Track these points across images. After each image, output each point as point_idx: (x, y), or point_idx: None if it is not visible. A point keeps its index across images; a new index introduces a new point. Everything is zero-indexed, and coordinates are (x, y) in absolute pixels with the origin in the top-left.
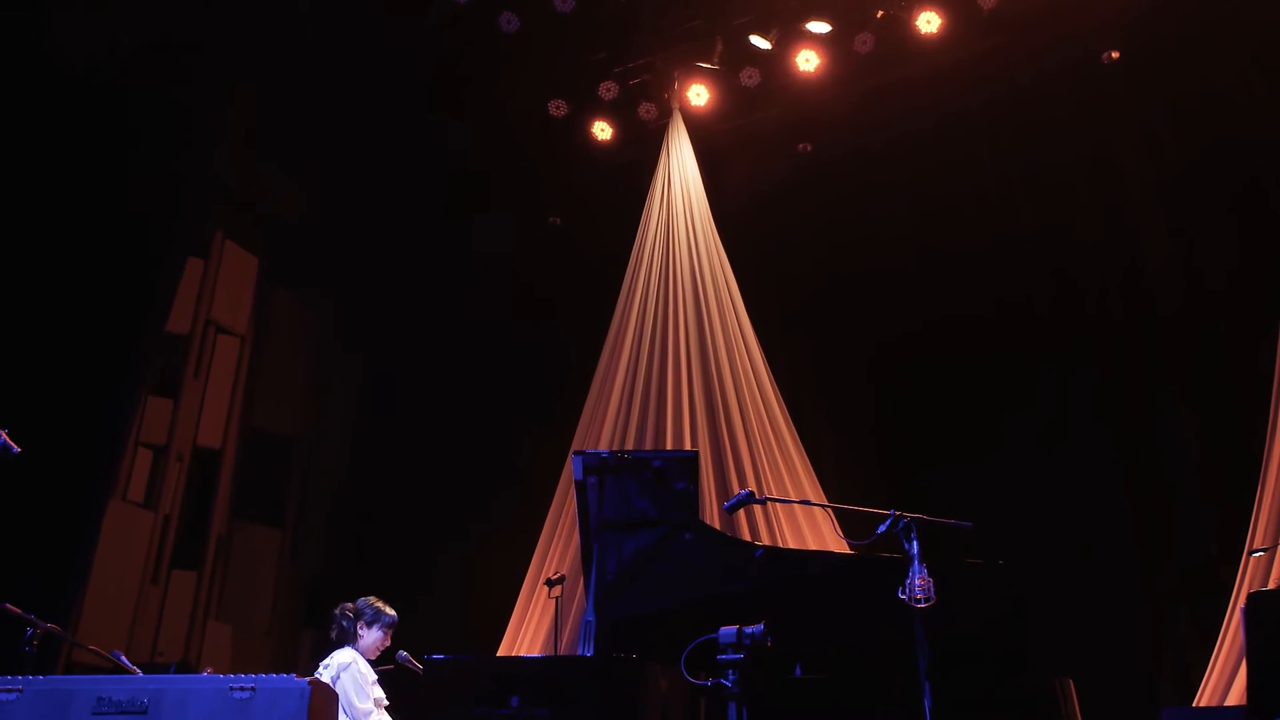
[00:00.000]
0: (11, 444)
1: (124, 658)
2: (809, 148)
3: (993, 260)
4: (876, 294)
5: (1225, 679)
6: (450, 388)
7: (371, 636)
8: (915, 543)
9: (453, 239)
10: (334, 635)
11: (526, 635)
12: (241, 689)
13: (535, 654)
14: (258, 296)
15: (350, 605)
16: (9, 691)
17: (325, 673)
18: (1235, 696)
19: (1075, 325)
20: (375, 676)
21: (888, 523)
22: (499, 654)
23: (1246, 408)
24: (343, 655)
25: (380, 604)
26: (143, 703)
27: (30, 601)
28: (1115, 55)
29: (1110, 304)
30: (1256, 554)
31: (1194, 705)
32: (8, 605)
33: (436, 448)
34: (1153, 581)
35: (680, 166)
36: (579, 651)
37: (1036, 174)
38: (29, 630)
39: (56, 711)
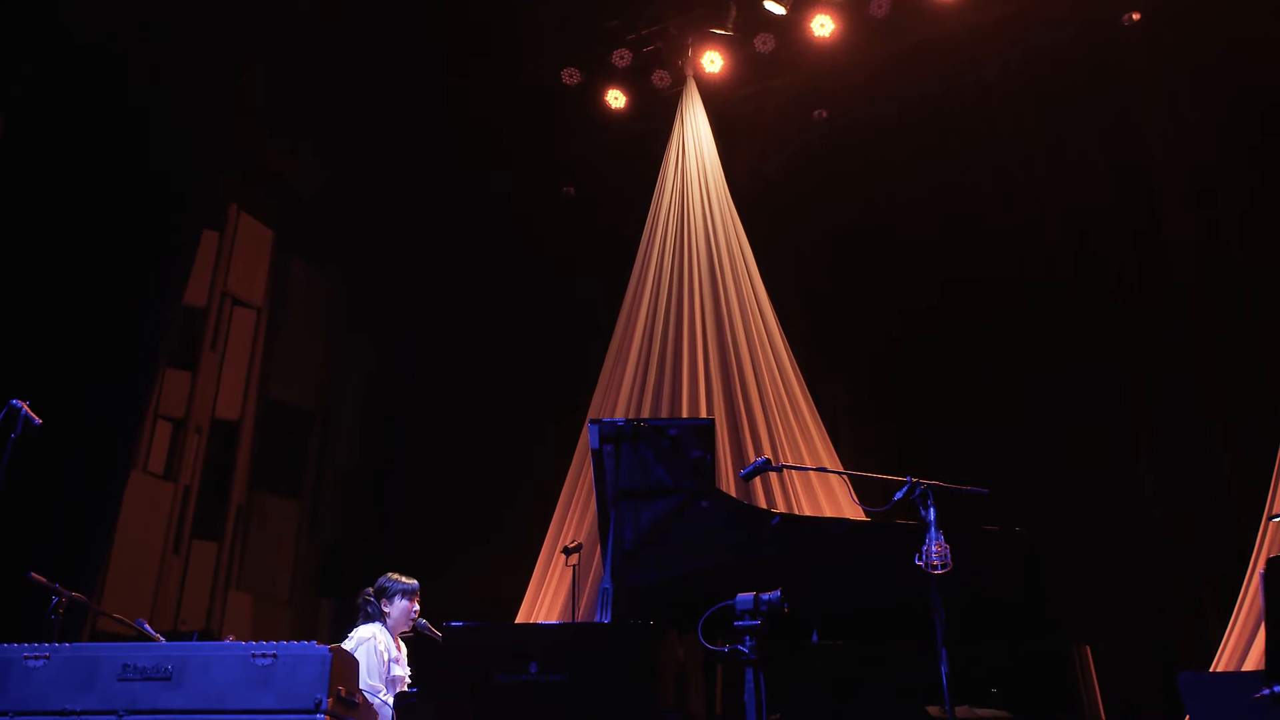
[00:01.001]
0: (33, 416)
1: (147, 626)
2: (824, 114)
3: (1012, 228)
4: (893, 261)
5: (1243, 644)
6: (465, 358)
7: (398, 608)
8: (932, 509)
9: (466, 209)
10: (360, 622)
11: (544, 603)
12: (264, 656)
13: (553, 621)
14: (273, 269)
15: (369, 589)
16: (37, 658)
17: (346, 644)
18: (1253, 661)
19: (1096, 291)
20: (399, 654)
21: (904, 489)
22: (517, 621)
23: (1270, 372)
24: (364, 630)
25: (395, 575)
26: (167, 669)
27: (54, 571)
28: (1136, 17)
29: (1130, 269)
30: (1276, 519)
31: (1211, 670)
32: (33, 574)
33: (451, 417)
34: (1170, 546)
35: (694, 134)
36: (596, 619)
37: (1055, 140)
38: (54, 599)
39: (83, 677)
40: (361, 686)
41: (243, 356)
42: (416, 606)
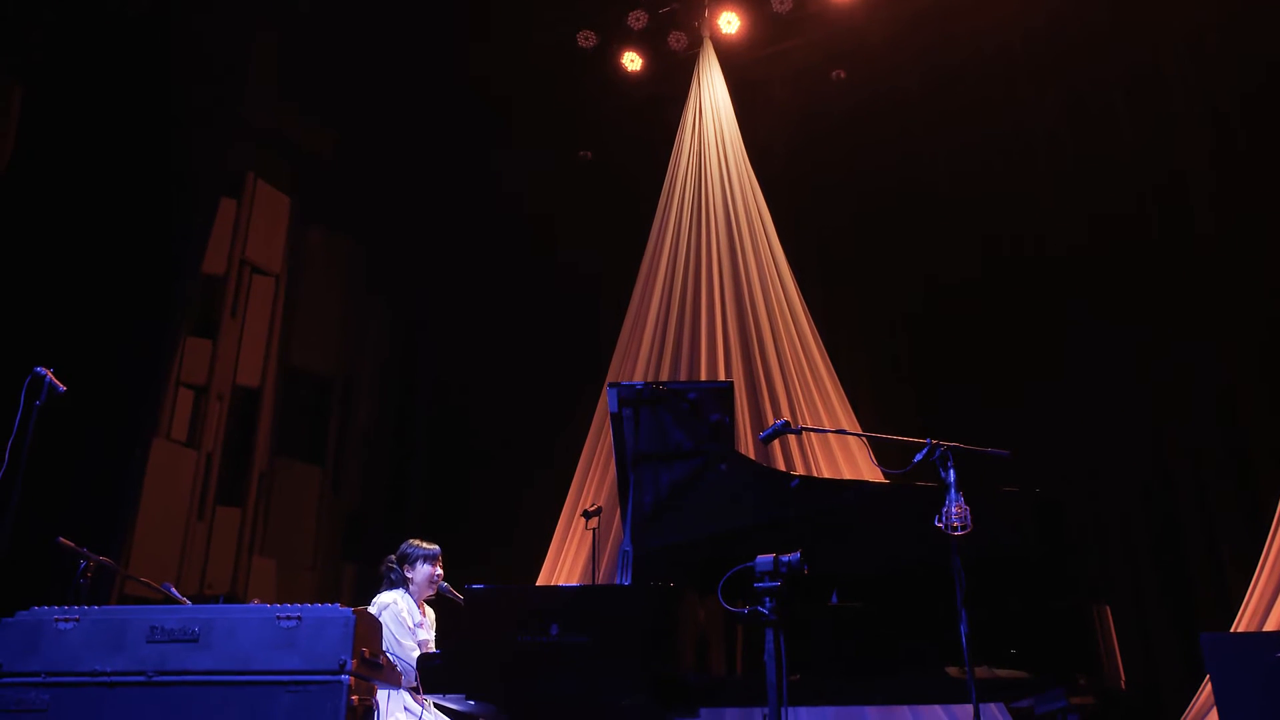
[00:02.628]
0: (57, 383)
1: (174, 589)
2: (843, 75)
3: (1033, 190)
4: (913, 224)
5: (1264, 604)
6: (482, 322)
7: (420, 573)
8: (952, 471)
9: (483, 174)
10: (383, 589)
11: (564, 566)
12: (288, 618)
13: (573, 584)
14: (291, 236)
15: (392, 555)
16: (67, 621)
17: (370, 610)
18: (1274, 622)
19: (1116, 251)
20: (423, 619)
21: (925, 451)
22: (538, 584)
23: None
24: (385, 596)
25: (417, 541)
26: (193, 631)
27: (81, 536)
28: None
29: (1153, 228)
30: None
31: (1232, 630)
32: (61, 539)
33: (470, 381)
34: (1191, 507)
35: (711, 96)
36: (616, 581)
37: (1077, 100)
38: (82, 563)
39: (112, 639)
40: (388, 651)
41: (262, 323)
42: (439, 571)
